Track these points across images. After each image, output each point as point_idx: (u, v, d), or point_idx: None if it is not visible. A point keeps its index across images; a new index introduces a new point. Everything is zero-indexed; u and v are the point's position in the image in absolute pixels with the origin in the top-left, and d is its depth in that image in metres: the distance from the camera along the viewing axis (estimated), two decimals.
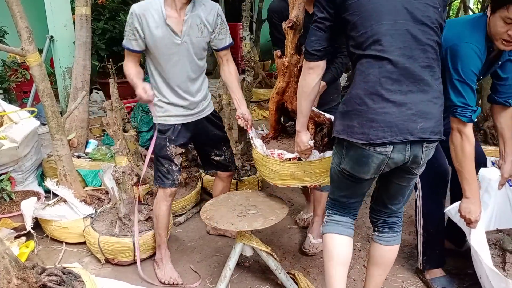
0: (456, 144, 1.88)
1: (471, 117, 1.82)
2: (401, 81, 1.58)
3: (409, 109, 1.57)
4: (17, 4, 2.57)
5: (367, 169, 1.69)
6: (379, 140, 1.58)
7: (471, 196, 1.93)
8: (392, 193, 1.86)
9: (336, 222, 1.93)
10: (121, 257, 2.54)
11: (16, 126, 3.25)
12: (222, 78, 2.83)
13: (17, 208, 2.85)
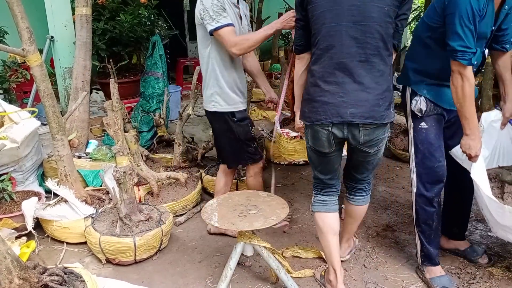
0: (457, 86, 1.99)
1: (470, 59, 1.92)
2: (336, 74, 1.94)
3: (341, 97, 1.93)
4: (18, 4, 2.58)
5: (321, 143, 2.07)
6: (317, 121, 2.00)
7: (470, 133, 2.04)
8: (355, 165, 2.25)
9: (321, 202, 2.28)
10: (122, 257, 2.55)
11: (17, 126, 3.26)
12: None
13: (18, 208, 2.85)
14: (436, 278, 2.34)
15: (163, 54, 4.54)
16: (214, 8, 2.38)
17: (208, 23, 2.41)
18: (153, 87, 4.47)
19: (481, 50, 2.09)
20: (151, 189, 3.22)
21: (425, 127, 2.27)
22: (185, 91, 6.64)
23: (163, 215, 2.77)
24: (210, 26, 2.41)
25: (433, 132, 2.26)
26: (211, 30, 2.41)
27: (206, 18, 2.41)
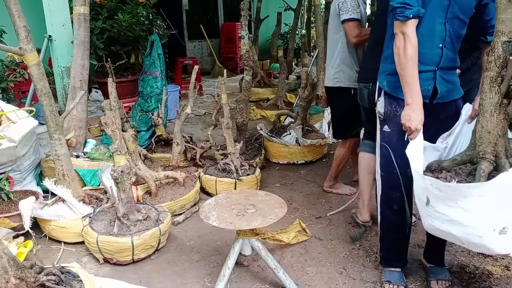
0: (399, 46, 1.94)
1: (409, 16, 1.89)
2: None
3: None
4: (15, 3, 2.56)
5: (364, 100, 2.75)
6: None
7: (411, 102, 1.93)
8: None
9: (367, 145, 2.85)
10: (120, 257, 2.54)
11: (14, 125, 3.24)
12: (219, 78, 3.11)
13: (15, 208, 2.84)
14: (388, 271, 2.36)
15: (161, 53, 4.53)
16: (352, 3, 3.01)
17: (343, 13, 3.03)
18: (151, 86, 4.46)
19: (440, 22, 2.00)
20: (149, 189, 3.21)
21: (387, 131, 2.19)
22: (183, 90, 6.63)
23: (161, 214, 2.76)
24: (343, 16, 3.04)
25: (395, 137, 2.15)
26: (343, 19, 3.05)
27: (343, 9, 3.03)
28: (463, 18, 2.04)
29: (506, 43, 1.66)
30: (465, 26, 2.07)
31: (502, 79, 1.69)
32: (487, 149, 1.75)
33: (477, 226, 1.62)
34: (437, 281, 2.33)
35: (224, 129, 3.58)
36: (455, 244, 2.71)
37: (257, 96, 6.54)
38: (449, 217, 1.69)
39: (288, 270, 2.47)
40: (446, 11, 1.99)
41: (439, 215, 1.73)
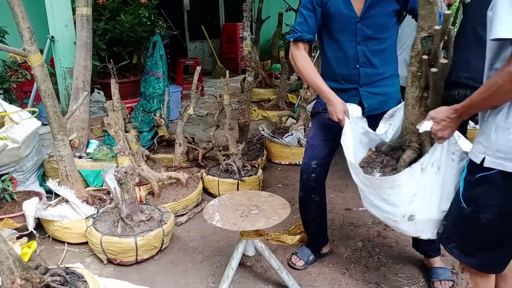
0: (291, 61, 2.24)
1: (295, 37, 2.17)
2: None
3: None
4: (19, 4, 2.58)
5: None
6: None
7: (325, 100, 2.14)
8: None
9: None
10: (124, 257, 2.55)
11: (17, 126, 3.26)
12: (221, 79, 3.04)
13: (19, 209, 2.85)
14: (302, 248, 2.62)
15: (163, 54, 4.54)
16: None
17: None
18: (153, 87, 4.47)
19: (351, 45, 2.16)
20: (152, 189, 3.22)
21: (310, 127, 2.49)
22: (185, 91, 6.64)
23: (164, 215, 2.77)
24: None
25: (312, 132, 2.43)
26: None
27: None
28: (378, 36, 2.16)
29: (426, 38, 1.71)
30: (384, 41, 2.18)
31: (421, 74, 1.76)
32: (412, 138, 1.86)
33: (392, 212, 1.83)
34: (440, 282, 2.34)
35: (226, 130, 3.59)
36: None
37: (258, 96, 6.54)
38: (372, 202, 1.89)
39: (291, 270, 2.48)
40: (355, 35, 2.14)
41: (366, 199, 1.94)
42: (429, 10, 1.68)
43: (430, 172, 1.71)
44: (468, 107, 1.53)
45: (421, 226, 1.80)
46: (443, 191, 1.73)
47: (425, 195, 1.74)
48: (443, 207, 1.74)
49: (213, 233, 2.95)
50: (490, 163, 1.45)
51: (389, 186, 1.77)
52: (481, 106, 1.50)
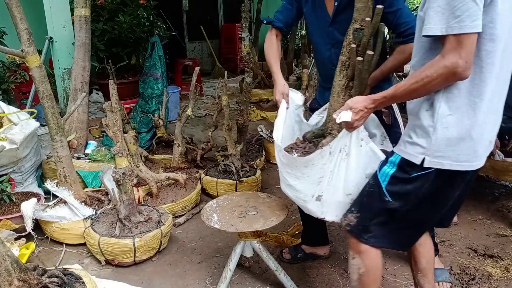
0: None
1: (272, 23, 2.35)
2: None
3: None
4: (17, 6, 2.58)
5: None
6: None
7: (273, 80, 2.28)
8: None
9: None
10: (122, 258, 2.55)
11: (16, 127, 3.26)
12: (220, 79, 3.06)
13: (17, 210, 2.85)
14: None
15: (162, 55, 4.54)
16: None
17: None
18: (152, 88, 4.47)
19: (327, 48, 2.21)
20: (151, 190, 3.22)
21: None
22: (183, 91, 6.64)
23: (163, 216, 2.77)
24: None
25: None
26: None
27: None
28: None
29: (358, 30, 1.77)
30: None
31: (349, 64, 1.83)
32: (334, 126, 1.94)
33: (303, 192, 1.92)
34: (438, 283, 2.35)
35: (225, 131, 3.59)
36: (455, 246, 2.73)
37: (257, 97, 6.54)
38: (288, 181, 1.97)
39: (289, 271, 2.48)
40: (328, 38, 2.20)
41: (283, 179, 2.03)
42: (364, 3, 1.77)
43: (337, 157, 1.80)
44: (391, 98, 1.58)
45: (327, 207, 1.89)
46: (349, 175, 1.80)
47: (332, 178, 1.83)
48: (348, 190, 1.82)
49: (211, 234, 2.95)
50: (430, 163, 1.50)
51: (303, 165, 1.87)
52: (405, 97, 1.55)
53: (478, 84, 1.42)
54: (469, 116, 1.44)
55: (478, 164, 1.51)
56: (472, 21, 1.31)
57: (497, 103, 1.51)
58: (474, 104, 1.43)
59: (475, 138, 1.45)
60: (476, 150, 1.47)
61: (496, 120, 1.53)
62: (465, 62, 1.35)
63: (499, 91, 1.49)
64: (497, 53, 1.40)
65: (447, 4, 1.33)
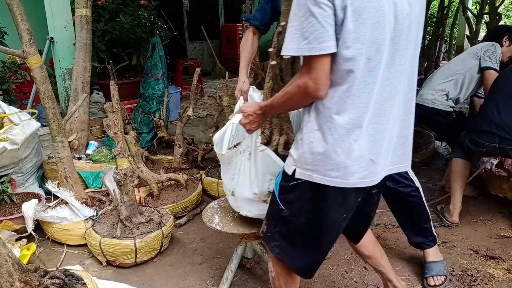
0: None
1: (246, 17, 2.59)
2: None
3: None
4: (18, 6, 2.57)
5: None
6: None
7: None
8: None
9: (458, 151, 3.05)
10: (123, 259, 2.54)
11: (17, 128, 3.25)
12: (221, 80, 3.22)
13: (18, 210, 2.84)
14: None
15: (163, 55, 4.53)
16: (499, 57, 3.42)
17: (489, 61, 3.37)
18: (153, 88, 4.46)
19: None
20: (152, 191, 3.22)
21: None
22: (184, 92, 6.63)
23: (164, 217, 2.77)
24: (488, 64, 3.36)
25: None
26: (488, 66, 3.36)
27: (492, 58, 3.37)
28: None
29: (279, 34, 1.80)
30: None
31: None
32: (265, 125, 2.03)
33: (226, 186, 2.11)
34: (433, 277, 2.39)
35: None
36: (457, 247, 2.73)
37: None
38: (223, 175, 2.14)
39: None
40: None
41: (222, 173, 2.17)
42: (287, 6, 1.77)
43: (243, 156, 1.94)
44: (271, 107, 1.63)
45: (240, 202, 2.04)
46: (251, 176, 1.92)
47: (240, 175, 1.98)
48: (253, 190, 1.93)
49: (213, 235, 2.95)
50: (299, 174, 1.50)
51: (227, 161, 2.06)
52: (281, 108, 1.66)
53: (337, 102, 1.39)
54: (331, 133, 1.41)
55: (356, 182, 1.45)
56: (319, 43, 1.30)
57: (379, 121, 1.44)
58: (335, 121, 1.40)
59: (341, 155, 1.41)
60: (347, 167, 1.42)
61: (381, 139, 1.46)
62: (314, 83, 1.35)
63: (382, 109, 1.43)
64: (358, 72, 1.35)
65: (299, 25, 1.32)
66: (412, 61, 1.50)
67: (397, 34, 1.39)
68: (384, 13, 1.33)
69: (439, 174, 3.86)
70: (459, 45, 9.44)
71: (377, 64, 1.37)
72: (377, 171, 1.49)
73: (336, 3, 1.28)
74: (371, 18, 1.31)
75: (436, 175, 3.89)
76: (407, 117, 1.56)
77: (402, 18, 1.38)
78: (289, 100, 1.49)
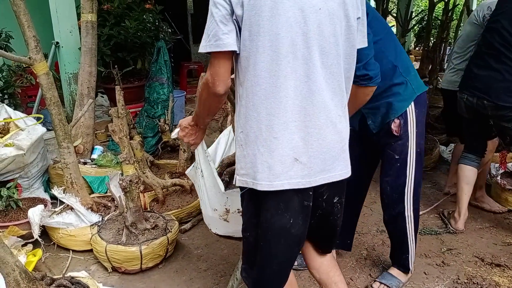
0: None
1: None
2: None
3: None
4: (25, 13, 2.59)
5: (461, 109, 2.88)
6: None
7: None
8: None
9: (468, 158, 2.98)
10: (128, 266, 2.55)
11: (23, 133, 3.27)
12: None
13: (24, 216, 2.86)
14: None
15: (168, 59, 4.55)
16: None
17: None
18: (158, 92, 4.48)
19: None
20: (157, 196, 3.23)
21: None
22: (189, 95, 6.65)
23: (169, 223, 2.78)
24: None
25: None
26: None
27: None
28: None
29: None
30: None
31: None
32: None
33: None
34: (380, 283, 2.40)
35: None
36: (462, 254, 2.73)
37: None
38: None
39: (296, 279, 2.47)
40: None
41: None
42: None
43: (198, 173, 1.98)
44: (196, 114, 1.69)
45: (207, 220, 2.11)
46: (209, 192, 1.97)
47: (200, 194, 2.03)
48: (213, 205, 1.99)
49: (217, 241, 2.95)
50: (238, 182, 1.48)
51: (193, 182, 2.11)
52: (202, 112, 1.65)
53: (250, 98, 1.41)
54: (253, 131, 1.42)
55: (281, 183, 1.40)
56: (216, 40, 1.35)
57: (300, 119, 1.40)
58: (253, 118, 1.41)
59: (264, 154, 1.40)
60: (271, 167, 1.40)
61: (305, 137, 1.42)
62: (212, 78, 1.41)
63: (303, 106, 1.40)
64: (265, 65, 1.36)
65: (206, 26, 1.39)
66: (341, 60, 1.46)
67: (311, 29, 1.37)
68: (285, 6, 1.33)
69: (444, 179, 3.85)
70: None
71: (285, 57, 1.36)
72: (311, 173, 1.43)
73: (232, 1, 1.34)
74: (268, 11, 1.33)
75: (441, 180, 3.88)
76: (338, 119, 1.49)
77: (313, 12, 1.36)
78: (202, 101, 1.56)
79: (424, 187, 3.71)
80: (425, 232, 2.97)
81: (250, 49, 1.37)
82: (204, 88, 1.47)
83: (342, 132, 1.51)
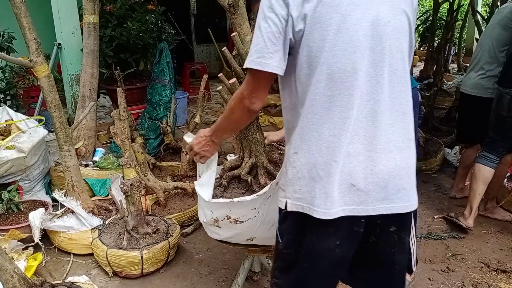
0: None
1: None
2: None
3: None
4: (26, 15, 2.57)
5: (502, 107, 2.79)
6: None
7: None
8: None
9: (486, 158, 2.94)
10: (129, 270, 2.53)
11: (24, 135, 3.26)
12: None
13: (25, 219, 2.84)
14: None
15: (170, 61, 4.52)
16: None
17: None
18: (160, 94, 4.46)
19: None
20: (158, 199, 3.20)
21: None
22: (191, 95, 6.63)
23: (170, 227, 2.75)
24: None
25: None
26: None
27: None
28: None
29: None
30: None
31: None
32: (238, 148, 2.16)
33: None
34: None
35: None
36: (467, 260, 2.69)
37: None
38: None
39: None
40: None
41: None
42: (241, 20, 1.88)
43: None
44: (217, 129, 1.56)
45: (203, 224, 2.05)
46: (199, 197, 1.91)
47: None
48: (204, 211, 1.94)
49: (219, 245, 2.91)
50: (291, 206, 1.36)
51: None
52: (227, 128, 1.54)
53: (310, 118, 1.30)
54: (312, 153, 1.31)
55: (337, 211, 1.29)
56: (258, 57, 1.26)
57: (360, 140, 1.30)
58: (312, 139, 1.30)
59: (324, 178, 1.29)
60: (328, 193, 1.28)
61: (364, 161, 1.30)
62: (250, 95, 1.32)
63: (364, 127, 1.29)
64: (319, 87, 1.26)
65: (253, 37, 1.30)
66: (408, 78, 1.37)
67: (378, 43, 1.28)
68: (352, 19, 1.24)
69: (449, 182, 3.81)
70: (468, 48, 9.36)
71: (352, 75, 1.26)
72: (368, 201, 1.31)
73: (293, 15, 1.23)
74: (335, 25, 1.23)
75: (445, 183, 3.84)
76: (406, 144, 1.36)
77: (382, 26, 1.27)
78: (230, 115, 1.44)
79: (428, 190, 3.68)
80: (430, 237, 2.94)
81: (312, 65, 1.26)
82: (238, 102, 1.36)
83: (409, 158, 1.37)
